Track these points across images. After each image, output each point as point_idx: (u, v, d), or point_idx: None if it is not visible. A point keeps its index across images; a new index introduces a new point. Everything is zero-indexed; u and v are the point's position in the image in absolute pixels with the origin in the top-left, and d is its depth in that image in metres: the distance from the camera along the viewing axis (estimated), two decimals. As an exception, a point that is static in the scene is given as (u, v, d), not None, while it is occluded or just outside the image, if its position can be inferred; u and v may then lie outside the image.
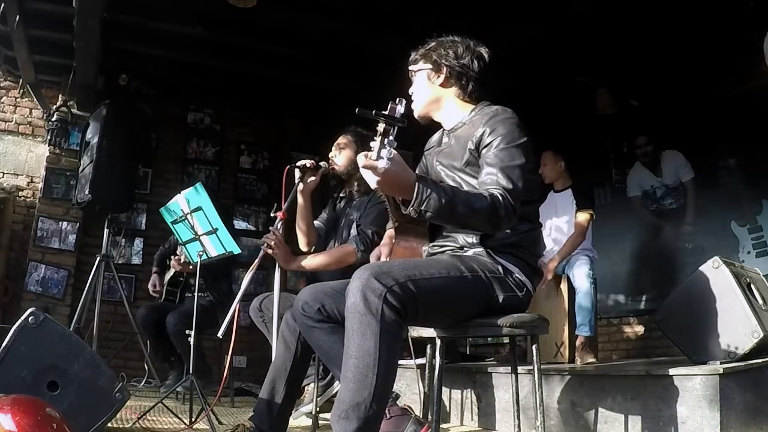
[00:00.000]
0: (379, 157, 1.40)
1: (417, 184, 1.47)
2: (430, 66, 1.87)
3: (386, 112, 1.43)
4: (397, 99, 1.45)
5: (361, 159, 1.43)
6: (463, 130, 1.82)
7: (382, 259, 1.96)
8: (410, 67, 1.93)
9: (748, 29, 3.57)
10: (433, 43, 1.90)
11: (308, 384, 2.72)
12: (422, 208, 1.47)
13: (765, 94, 3.88)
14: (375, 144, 1.42)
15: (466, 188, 1.71)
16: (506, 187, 1.59)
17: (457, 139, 1.83)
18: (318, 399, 2.39)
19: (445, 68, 1.85)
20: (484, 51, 1.87)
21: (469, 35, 1.91)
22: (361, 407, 1.41)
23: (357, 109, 1.49)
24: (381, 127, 1.42)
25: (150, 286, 4.34)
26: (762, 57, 3.16)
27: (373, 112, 1.45)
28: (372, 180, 1.44)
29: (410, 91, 1.93)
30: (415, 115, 1.91)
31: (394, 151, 1.42)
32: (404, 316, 1.50)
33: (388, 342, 1.45)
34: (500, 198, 1.56)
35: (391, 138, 1.41)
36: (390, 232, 1.98)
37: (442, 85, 1.87)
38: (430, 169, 1.95)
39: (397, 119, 1.43)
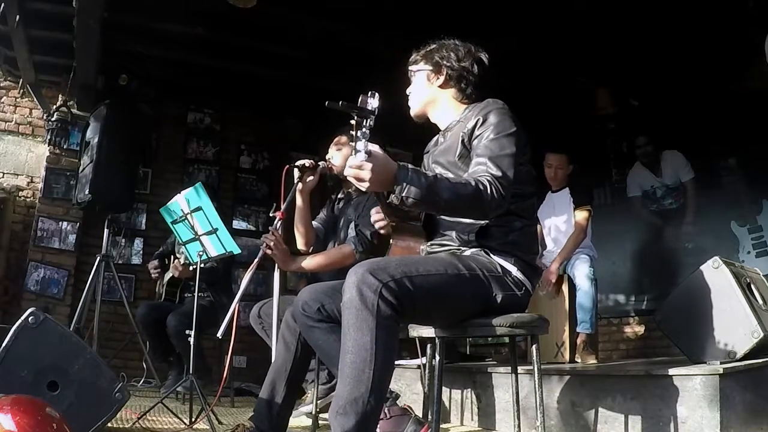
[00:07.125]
0: (356, 152, 1.40)
1: (397, 171, 1.46)
2: (431, 67, 1.89)
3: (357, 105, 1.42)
4: (370, 92, 1.46)
5: (347, 169, 1.44)
6: (457, 127, 1.83)
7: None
8: (410, 67, 1.95)
9: (748, 29, 3.57)
10: (435, 45, 1.92)
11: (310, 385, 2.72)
12: (404, 194, 1.46)
13: (765, 94, 3.88)
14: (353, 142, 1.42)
15: None
16: (495, 174, 1.59)
17: (451, 136, 1.85)
18: (320, 401, 2.39)
19: (445, 70, 1.88)
20: (483, 56, 1.90)
21: (468, 35, 1.92)
22: (359, 402, 1.41)
23: (327, 102, 1.48)
24: (354, 121, 1.42)
25: (151, 267, 4.25)
26: (762, 57, 3.16)
27: (340, 102, 1.44)
28: (362, 185, 1.44)
29: (408, 91, 1.95)
30: (411, 113, 1.94)
31: (372, 145, 1.41)
32: (400, 312, 1.50)
33: (384, 337, 1.45)
34: (487, 183, 1.55)
35: (364, 130, 1.41)
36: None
37: (441, 86, 1.89)
38: (428, 170, 1.95)
39: (367, 110, 1.42)
